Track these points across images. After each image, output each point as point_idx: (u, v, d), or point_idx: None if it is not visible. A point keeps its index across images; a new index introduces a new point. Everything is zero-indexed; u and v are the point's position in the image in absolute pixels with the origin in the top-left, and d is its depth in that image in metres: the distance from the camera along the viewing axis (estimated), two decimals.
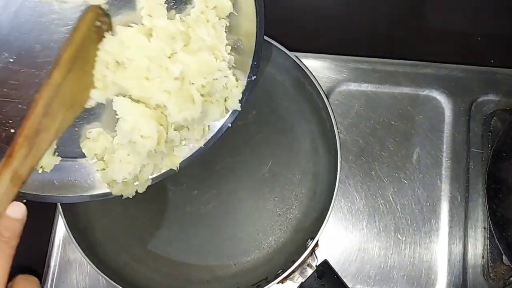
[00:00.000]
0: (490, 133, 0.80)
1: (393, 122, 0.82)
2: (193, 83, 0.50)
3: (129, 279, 0.72)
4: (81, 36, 0.46)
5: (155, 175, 0.60)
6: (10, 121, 0.48)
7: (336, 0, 0.87)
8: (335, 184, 0.69)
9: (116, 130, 0.51)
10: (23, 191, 0.46)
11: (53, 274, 0.78)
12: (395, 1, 0.86)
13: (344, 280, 0.73)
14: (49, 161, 0.51)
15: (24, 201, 0.44)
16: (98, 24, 0.48)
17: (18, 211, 0.42)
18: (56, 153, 0.52)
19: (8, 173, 0.41)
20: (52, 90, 0.44)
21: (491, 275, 0.76)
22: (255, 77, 0.56)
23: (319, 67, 0.84)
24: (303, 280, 0.68)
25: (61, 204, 0.67)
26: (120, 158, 0.52)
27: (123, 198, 0.58)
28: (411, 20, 0.87)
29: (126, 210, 0.77)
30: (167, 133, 0.51)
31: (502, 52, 0.86)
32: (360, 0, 0.86)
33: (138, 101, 0.49)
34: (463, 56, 0.85)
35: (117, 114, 0.49)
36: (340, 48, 0.85)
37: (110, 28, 0.49)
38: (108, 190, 0.58)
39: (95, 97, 0.49)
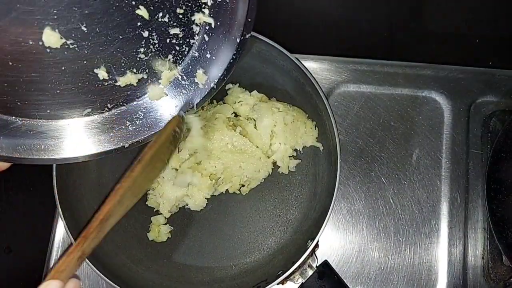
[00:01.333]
0: (489, 134, 0.80)
1: (392, 123, 0.82)
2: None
3: (128, 280, 0.71)
4: (164, 138, 0.55)
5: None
6: None
7: (336, 3, 0.87)
8: (335, 185, 0.68)
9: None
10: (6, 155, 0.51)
11: None
12: (394, 3, 0.86)
13: (344, 281, 0.73)
14: None
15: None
16: (177, 130, 0.57)
17: (75, 287, 0.45)
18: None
19: (78, 251, 0.46)
20: (131, 182, 0.51)
21: (491, 275, 0.76)
22: (249, 35, 0.55)
23: (318, 68, 0.84)
24: (303, 281, 0.67)
25: (60, 205, 0.67)
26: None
27: None
28: (410, 22, 0.87)
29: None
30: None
31: (501, 54, 0.86)
32: (360, 2, 0.86)
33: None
34: (462, 58, 0.85)
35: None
36: (339, 50, 0.85)
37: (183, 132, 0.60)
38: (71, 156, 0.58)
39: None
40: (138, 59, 0.53)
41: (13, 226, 0.75)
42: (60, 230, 0.79)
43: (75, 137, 0.57)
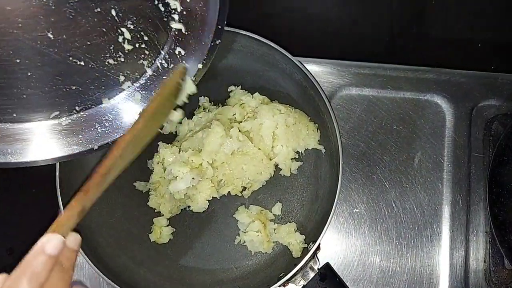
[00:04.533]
0: (491, 138, 0.80)
1: (394, 127, 0.82)
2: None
3: (130, 281, 0.71)
4: (168, 90, 0.53)
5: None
6: None
7: (339, 7, 0.88)
8: (337, 188, 0.68)
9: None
10: None
11: None
12: (397, 8, 0.86)
13: (346, 284, 0.72)
14: None
15: None
16: (180, 82, 0.55)
17: (75, 241, 0.44)
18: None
19: (79, 206, 0.45)
20: (134, 135, 0.49)
21: (493, 279, 0.76)
22: (219, 41, 0.55)
23: (320, 72, 0.84)
24: (305, 283, 0.67)
25: (63, 205, 0.67)
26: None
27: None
28: (413, 27, 0.88)
29: (126, 212, 0.77)
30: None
31: (503, 58, 0.86)
32: (363, 7, 0.86)
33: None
34: (464, 62, 0.85)
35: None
36: (342, 54, 0.85)
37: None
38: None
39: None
40: (106, 63, 0.54)
41: (15, 227, 0.75)
42: None
43: (43, 139, 0.57)
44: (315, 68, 0.84)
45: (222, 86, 0.79)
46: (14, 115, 0.54)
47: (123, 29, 0.52)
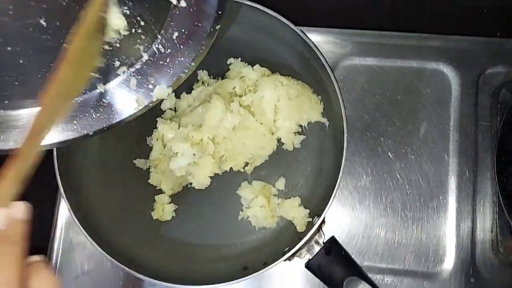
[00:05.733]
0: (498, 106, 0.78)
1: (399, 97, 0.80)
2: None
3: (133, 260, 0.71)
4: (87, 28, 0.47)
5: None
6: None
7: None
8: (341, 161, 0.67)
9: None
10: None
11: (57, 257, 0.78)
12: None
13: (351, 256, 0.72)
14: None
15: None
16: (102, 14, 0.48)
17: (21, 210, 0.40)
18: None
19: (14, 171, 0.40)
20: (59, 85, 0.44)
21: (500, 249, 0.75)
22: (218, 26, 0.54)
23: (322, 41, 0.82)
24: (310, 257, 0.67)
25: (63, 187, 0.66)
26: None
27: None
28: None
29: (127, 191, 0.76)
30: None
31: (509, 24, 0.84)
32: None
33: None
34: (470, 29, 0.83)
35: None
36: (344, 22, 0.83)
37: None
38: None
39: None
40: (101, 49, 0.52)
41: None
42: (63, 212, 0.79)
43: None
44: (317, 38, 0.82)
45: (221, 58, 0.77)
46: (6, 101, 0.53)
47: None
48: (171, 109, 0.77)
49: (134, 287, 0.77)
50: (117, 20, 0.51)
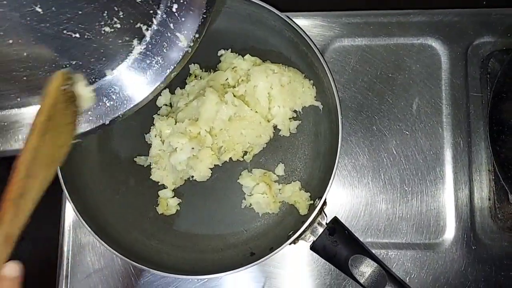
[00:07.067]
0: (488, 75, 0.79)
1: (390, 75, 0.81)
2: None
3: (142, 255, 0.72)
4: (50, 102, 0.48)
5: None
6: None
7: None
8: (338, 143, 0.68)
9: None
10: None
11: (67, 259, 0.79)
12: None
13: (355, 234, 0.74)
14: None
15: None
16: (65, 88, 0.50)
17: (14, 269, 0.43)
18: None
19: (3, 235, 0.42)
20: (31, 153, 0.45)
21: (499, 215, 0.77)
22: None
23: (310, 25, 0.82)
24: (314, 239, 0.68)
25: (67, 188, 0.67)
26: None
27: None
28: None
29: (130, 188, 0.77)
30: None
31: None
32: None
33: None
34: (455, 1, 0.83)
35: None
36: (330, 4, 0.83)
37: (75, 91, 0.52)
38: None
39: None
40: (103, 32, 0.51)
41: None
42: (69, 213, 0.80)
43: None
44: (304, 22, 0.82)
45: (211, 51, 0.78)
46: (19, 99, 0.53)
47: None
48: (166, 105, 0.78)
49: (145, 282, 0.78)
50: (84, 91, 0.53)
